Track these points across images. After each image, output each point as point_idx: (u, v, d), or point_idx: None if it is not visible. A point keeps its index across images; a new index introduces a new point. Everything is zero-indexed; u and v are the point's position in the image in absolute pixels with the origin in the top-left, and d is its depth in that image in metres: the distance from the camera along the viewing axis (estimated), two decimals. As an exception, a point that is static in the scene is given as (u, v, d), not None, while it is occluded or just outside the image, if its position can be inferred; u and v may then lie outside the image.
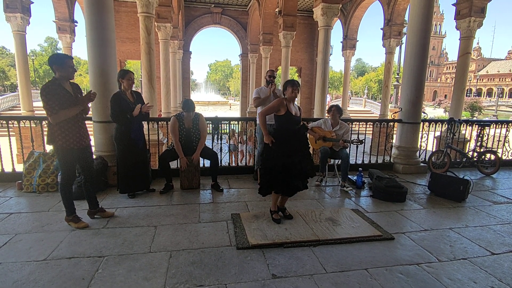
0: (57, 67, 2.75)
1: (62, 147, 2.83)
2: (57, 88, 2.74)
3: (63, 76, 2.79)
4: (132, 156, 3.82)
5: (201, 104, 35.56)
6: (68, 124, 2.83)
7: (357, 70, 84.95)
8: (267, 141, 3.08)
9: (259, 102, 4.45)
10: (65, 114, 2.75)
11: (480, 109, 40.90)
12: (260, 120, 3.20)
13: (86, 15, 4.16)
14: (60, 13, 12.57)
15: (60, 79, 2.79)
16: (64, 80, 2.82)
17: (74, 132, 2.87)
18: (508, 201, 4.16)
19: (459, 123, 6.12)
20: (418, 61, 5.26)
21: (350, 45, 16.01)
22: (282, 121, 3.12)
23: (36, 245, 2.66)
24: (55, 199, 3.73)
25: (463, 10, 8.61)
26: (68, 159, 2.92)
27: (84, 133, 3.01)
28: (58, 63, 2.76)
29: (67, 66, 2.78)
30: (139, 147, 3.89)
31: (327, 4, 7.97)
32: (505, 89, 65.32)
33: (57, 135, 2.80)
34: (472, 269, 2.48)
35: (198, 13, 17.45)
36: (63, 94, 2.76)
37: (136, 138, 3.81)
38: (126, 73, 3.65)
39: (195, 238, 2.85)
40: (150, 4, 6.86)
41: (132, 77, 3.67)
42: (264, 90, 4.53)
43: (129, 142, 3.76)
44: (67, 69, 2.78)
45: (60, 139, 2.81)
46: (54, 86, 2.73)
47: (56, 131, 2.80)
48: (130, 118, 3.62)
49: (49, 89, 2.70)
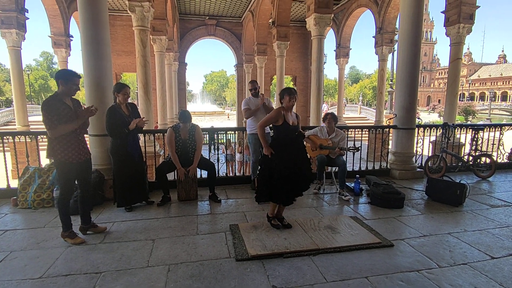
0: (62, 81, 2.80)
1: (61, 161, 2.83)
2: (57, 103, 2.77)
3: (64, 92, 2.83)
4: (129, 169, 3.80)
5: (198, 115, 35.64)
6: (68, 138, 2.83)
7: (351, 77, 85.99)
8: (266, 152, 3.09)
9: (250, 114, 4.51)
10: (64, 129, 2.77)
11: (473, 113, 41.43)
12: (259, 133, 3.19)
13: (81, 30, 4.21)
14: (55, 28, 12.65)
15: (61, 94, 2.82)
16: (65, 96, 2.85)
17: (73, 146, 2.87)
18: (506, 204, 4.18)
19: (453, 127, 6.19)
20: (410, 68, 5.35)
21: (343, 53, 16.25)
22: (279, 131, 3.14)
23: (32, 263, 2.61)
24: (51, 214, 3.69)
25: (452, 17, 8.81)
26: (67, 174, 2.90)
27: (84, 147, 3.02)
28: (64, 78, 2.80)
29: (71, 84, 2.82)
30: (135, 159, 3.88)
31: (319, 14, 8.13)
32: (497, 92, 66.40)
33: (57, 149, 2.81)
34: (472, 274, 2.47)
35: (193, 25, 17.67)
36: (63, 109, 2.78)
37: (132, 151, 3.80)
38: (122, 87, 3.67)
39: (193, 251, 2.82)
40: (145, 18, 6.95)
41: (127, 92, 3.69)
42: (253, 101, 4.58)
43: (125, 155, 3.75)
44: (70, 86, 2.82)
45: (59, 153, 2.81)
46: (55, 101, 2.76)
47: (55, 145, 2.80)
48: (127, 132, 3.63)
49: (49, 104, 2.73)
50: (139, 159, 3.98)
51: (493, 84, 70.61)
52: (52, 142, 2.81)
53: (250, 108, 4.54)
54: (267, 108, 4.58)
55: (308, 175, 3.21)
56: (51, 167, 4.12)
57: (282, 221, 3.32)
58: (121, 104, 3.70)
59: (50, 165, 4.17)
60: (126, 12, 8.64)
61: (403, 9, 5.36)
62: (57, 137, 2.78)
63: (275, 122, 3.13)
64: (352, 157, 5.46)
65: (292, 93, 3.15)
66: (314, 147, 4.66)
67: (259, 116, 4.59)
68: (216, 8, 16.02)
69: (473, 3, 8.62)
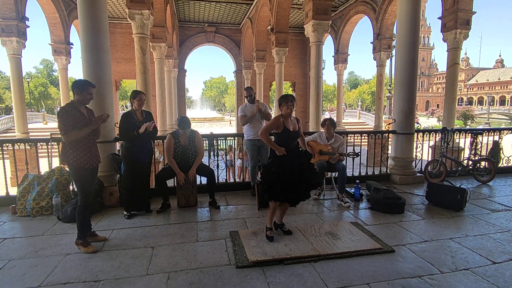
0: (77, 91, 2.96)
1: (74, 166, 2.93)
2: (72, 110, 2.91)
3: (79, 101, 2.98)
4: (135, 175, 3.87)
5: (197, 121, 35.67)
6: (80, 144, 2.94)
7: (350, 83, 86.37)
8: (280, 153, 3.05)
9: (246, 121, 4.58)
10: (77, 134, 2.90)
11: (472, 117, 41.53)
12: (264, 139, 3.18)
13: (81, 38, 4.24)
14: (56, 36, 12.75)
15: (76, 102, 2.97)
16: (80, 104, 2.99)
17: (86, 151, 2.97)
18: (506, 208, 4.16)
19: (452, 132, 6.20)
20: (408, 73, 5.38)
21: (342, 59, 16.37)
22: (280, 138, 3.14)
23: (31, 271, 2.59)
24: (49, 222, 3.67)
25: (449, 23, 8.91)
26: (83, 179, 2.99)
27: (96, 153, 3.11)
28: (79, 88, 2.97)
29: (85, 93, 2.98)
30: (144, 165, 3.95)
31: (318, 21, 8.20)
32: (495, 97, 66.70)
33: (69, 154, 2.91)
34: (474, 279, 2.45)
35: (192, 32, 17.81)
36: (77, 116, 2.93)
37: (139, 156, 3.87)
38: (138, 93, 3.87)
39: (193, 258, 2.79)
40: (145, 25, 7.01)
41: (142, 98, 3.89)
42: (249, 107, 4.63)
43: (133, 160, 3.82)
44: (85, 95, 2.98)
45: (72, 158, 2.91)
46: (70, 108, 2.91)
47: (68, 150, 2.91)
48: (137, 135, 3.74)
49: (65, 111, 2.88)
50: (148, 165, 4.04)
51: (491, 89, 71.03)
52: (65, 148, 2.93)
53: (246, 115, 4.57)
54: (263, 114, 4.61)
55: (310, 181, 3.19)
56: (51, 175, 4.12)
57: (283, 227, 3.31)
58: (136, 110, 3.86)
59: (50, 172, 4.16)
60: (126, 20, 8.72)
61: (400, 15, 5.42)
62: (71, 142, 2.89)
63: (276, 129, 3.14)
64: (352, 162, 5.46)
65: (289, 100, 3.16)
66: (313, 153, 4.66)
67: (255, 123, 4.62)
68: (215, 15, 16.18)
69: (469, 9, 8.73)
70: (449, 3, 8.86)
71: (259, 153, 4.74)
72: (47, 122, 23.77)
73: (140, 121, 3.83)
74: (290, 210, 4.10)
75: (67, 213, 3.66)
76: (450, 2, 8.84)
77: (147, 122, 3.85)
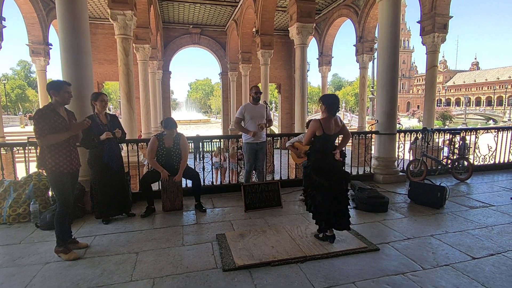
0: (53, 92, 2.82)
1: (52, 170, 2.78)
2: (50, 113, 2.77)
3: (58, 102, 2.86)
4: (106, 180, 3.70)
5: (183, 123, 35.29)
6: (59, 148, 2.81)
7: (334, 84, 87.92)
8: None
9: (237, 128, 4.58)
10: (55, 138, 2.75)
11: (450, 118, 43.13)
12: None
13: (60, 38, 4.10)
14: (33, 36, 12.29)
15: (55, 104, 2.84)
16: (59, 105, 2.87)
17: (64, 156, 2.84)
18: (483, 205, 4.33)
19: (432, 132, 6.41)
20: (390, 75, 5.53)
21: (326, 61, 16.62)
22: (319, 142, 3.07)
23: (8, 281, 2.48)
24: (27, 230, 3.52)
25: (427, 27, 9.24)
26: (62, 184, 2.85)
27: (75, 157, 2.98)
28: (55, 89, 2.82)
29: (63, 92, 2.84)
30: (114, 170, 3.76)
31: (302, 23, 8.30)
32: (471, 98, 69.58)
33: (47, 158, 2.77)
34: (455, 275, 2.53)
35: (177, 34, 17.62)
36: (55, 119, 2.78)
37: (109, 161, 3.69)
38: (99, 95, 3.65)
39: (179, 263, 2.75)
40: (128, 26, 6.88)
41: (105, 99, 3.67)
42: (250, 109, 4.57)
43: (102, 165, 3.66)
44: (63, 94, 2.84)
45: (50, 162, 2.77)
46: (48, 111, 2.77)
47: (46, 154, 2.77)
48: (97, 142, 3.52)
49: (41, 113, 2.73)
50: (118, 170, 3.86)
51: (467, 90, 74.08)
52: (43, 152, 2.78)
53: (242, 120, 4.51)
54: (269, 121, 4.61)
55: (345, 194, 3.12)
56: (28, 180, 3.95)
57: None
58: (99, 113, 3.65)
59: (27, 178, 3.99)
60: (108, 20, 8.52)
61: (381, 19, 5.56)
62: (49, 146, 2.75)
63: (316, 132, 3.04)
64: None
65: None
66: (299, 154, 4.69)
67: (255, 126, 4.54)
68: (200, 17, 16.08)
69: (446, 14, 9.08)
70: (427, 8, 9.19)
71: (256, 156, 4.70)
72: (25, 126, 22.87)
73: (104, 124, 3.64)
74: (276, 211, 4.13)
75: (45, 220, 3.52)
76: (428, 7, 9.17)
77: (113, 127, 3.68)
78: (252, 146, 4.62)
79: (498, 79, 67.72)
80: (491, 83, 68.79)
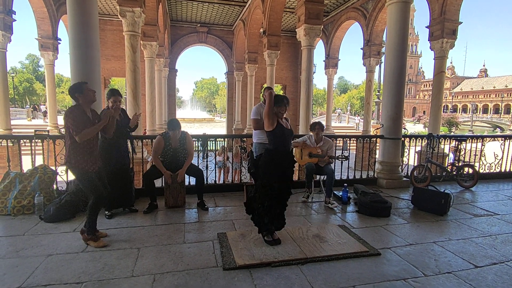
0: (78, 94, 2.95)
1: (78, 169, 2.92)
2: (81, 114, 2.91)
3: (85, 102, 2.97)
4: (113, 173, 3.74)
5: (187, 121, 35.38)
6: (81, 146, 2.91)
7: (340, 87, 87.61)
8: None
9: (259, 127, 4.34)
10: (89, 132, 2.89)
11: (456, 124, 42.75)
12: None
13: (70, 33, 4.14)
14: (43, 31, 12.42)
15: (83, 104, 2.96)
16: (87, 105, 2.99)
17: (87, 155, 2.96)
18: (488, 213, 4.29)
19: (438, 138, 6.36)
20: (396, 80, 5.50)
21: (332, 64, 16.56)
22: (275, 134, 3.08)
23: (11, 272, 2.50)
24: (30, 222, 3.55)
25: (436, 32, 9.16)
26: (88, 179, 2.96)
27: (96, 156, 3.09)
28: (79, 91, 2.95)
29: (87, 91, 2.98)
30: (120, 165, 3.87)
31: (310, 25, 8.28)
32: (478, 105, 68.92)
33: (73, 157, 2.91)
34: (457, 283, 2.51)
35: (184, 32, 17.69)
36: (85, 119, 2.93)
37: (118, 155, 3.80)
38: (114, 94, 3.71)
39: (180, 260, 2.76)
40: (136, 23, 6.92)
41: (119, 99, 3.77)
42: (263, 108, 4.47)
43: (112, 159, 3.72)
44: (87, 93, 2.97)
45: (75, 161, 2.91)
46: (79, 112, 2.91)
47: (72, 153, 2.91)
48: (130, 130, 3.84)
49: (73, 111, 2.88)
50: (125, 165, 3.95)
51: (474, 97, 73.34)
52: (70, 151, 2.91)
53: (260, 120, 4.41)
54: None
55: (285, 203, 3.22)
56: (33, 173, 4.00)
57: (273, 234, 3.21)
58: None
59: (33, 170, 4.04)
60: (117, 16, 8.59)
61: (389, 24, 5.53)
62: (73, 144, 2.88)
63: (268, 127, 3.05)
64: (340, 165, 5.52)
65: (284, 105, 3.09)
66: (302, 155, 4.69)
67: None
68: (208, 16, 16.13)
69: (455, 20, 9.00)
70: (437, 13, 9.12)
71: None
72: (31, 119, 23.11)
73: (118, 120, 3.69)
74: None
75: (49, 212, 3.55)
76: (437, 12, 9.10)
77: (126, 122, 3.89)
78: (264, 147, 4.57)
79: (506, 86, 67.00)
80: (499, 91, 68.06)
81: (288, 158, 3.15)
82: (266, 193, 3.02)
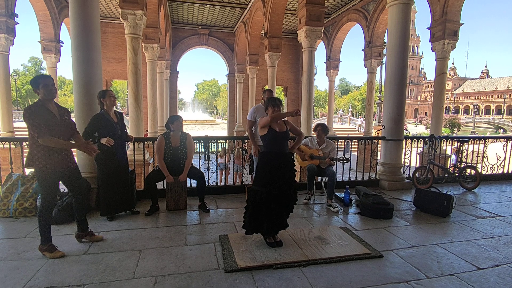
0: (34, 89, 2.75)
1: (41, 169, 2.72)
2: (39, 109, 2.67)
3: (45, 97, 2.74)
4: (115, 177, 3.75)
5: (189, 123, 35.46)
6: (49, 147, 2.73)
7: (341, 89, 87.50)
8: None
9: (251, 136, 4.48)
10: (54, 143, 2.70)
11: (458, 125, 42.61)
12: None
13: (72, 36, 4.17)
14: (45, 34, 12.50)
15: (43, 100, 2.74)
16: (48, 101, 2.76)
17: (56, 154, 2.77)
18: (490, 215, 4.26)
19: (440, 139, 6.33)
20: (398, 81, 5.49)
21: (333, 66, 16.56)
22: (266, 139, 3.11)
23: (12, 274, 2.51)
24: (32, 224, 3.56)
25: (437, 33, 9.15)
26: (48, 182, 2.77)
27: (68, 155, 2.92)
28: (34, 85, 2.73)
29: (42, 86, 2.71)
30: (122, 167, 3.83)
31: (311, 27, 8.29)
32: (480, 106, 68.68)
33: (37, 157, 2.70)
34: (459, 284, 2.49)
35: (186, 34, 17.76)
36: (49, 117, 2.70)
37: (120, 158, 3.77)
38: (106, 92, 3.64)
39: (181, 262, 2.75)
40: (138, 26, 6.95)
41: (113, 95, 3.67)
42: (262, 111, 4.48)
43: (113, 162, 3.70)
44: (43, 88, 2.72)
45: (40, 161, 2.70)
46: (37, 108, 2.67)
47: (36, 153, 2.70)
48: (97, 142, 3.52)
49: (31, 110, 2.63)
50: (125, 167, 3.93)
51: (477, 98, 73.07)
52: (33, 151, 2.70)
53: (255, 122, 4.47)
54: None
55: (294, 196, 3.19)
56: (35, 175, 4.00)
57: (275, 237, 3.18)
58: (109, 111, 3.65)
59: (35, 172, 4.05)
60: (118, 19, 8.63)
61: (391, 25, 5.53)
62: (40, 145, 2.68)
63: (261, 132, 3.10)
64: (342, 167, 5.51)
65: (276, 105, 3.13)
66: (304, 157, 4.69)
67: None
68: (209, 18, 16.19)
69: (457, 20, 9.00)
70: (438, 14, 9.12)
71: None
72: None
73: (115, 122, 3.68)
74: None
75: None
76: (439, 13, 9.10)
77: (122, 125, 3.77)
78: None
79: (509, 87, 66.71)
80: (501, 92, 67.77)
81: (284, 160, 3.10)
82: (251, 198, 3.05)
